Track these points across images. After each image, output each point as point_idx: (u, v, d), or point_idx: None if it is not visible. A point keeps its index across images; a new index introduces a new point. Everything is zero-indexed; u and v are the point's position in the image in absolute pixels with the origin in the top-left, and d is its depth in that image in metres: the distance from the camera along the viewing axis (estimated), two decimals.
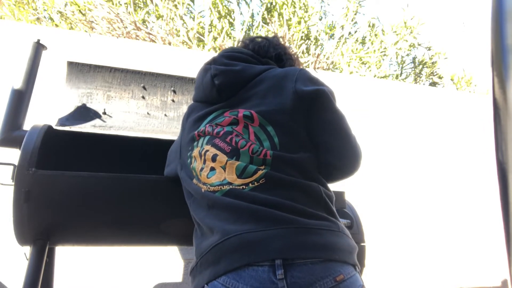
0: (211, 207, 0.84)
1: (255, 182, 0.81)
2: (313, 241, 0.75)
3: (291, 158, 0.86)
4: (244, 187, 0.81)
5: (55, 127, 1.29)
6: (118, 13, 3.74)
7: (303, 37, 4.70)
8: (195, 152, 0.94)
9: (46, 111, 1.94)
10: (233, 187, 0.82)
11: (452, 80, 5.67)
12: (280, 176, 0.82)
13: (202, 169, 0.89)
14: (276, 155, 0.85)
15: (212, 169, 0.87)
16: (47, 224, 1.08)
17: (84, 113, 1.46)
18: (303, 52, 4.55)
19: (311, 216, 0.79)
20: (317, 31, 4.96)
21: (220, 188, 0.84)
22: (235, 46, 1.20)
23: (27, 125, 1.25)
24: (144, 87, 1.57)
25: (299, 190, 0.82)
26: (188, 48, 3.96)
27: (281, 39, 1.22)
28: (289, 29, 4.45)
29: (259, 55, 1.09)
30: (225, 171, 0.85)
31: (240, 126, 0.91)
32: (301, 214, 0.78)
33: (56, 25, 3.90)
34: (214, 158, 0.87)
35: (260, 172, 0.82)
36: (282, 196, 0.79)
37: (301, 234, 0.75)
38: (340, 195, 1.35)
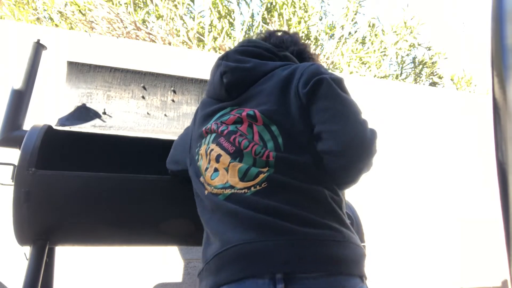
0: (214, 210, 0.84)
1: (257, 186, 0.79)
2: (315, 254, 0.72)
3: (295, 160, 0.82)
4: (246, 191, 0.79)
5: (55, 127, 1.29)
6: (118, 13, 3.74)
7: (303, 37, 4.70)
8: (202, 149, 0.93)
9: (46, 111, 1.94)
10: (235, 191, 0.80)
11: (452, 80, 5.67)
12: (283, 179, 0.79)
13: (206, 168, 0.89)
14: (279, 156, 0.82)
15: (216, 170, 0.86)
16: (47, 224, 1.08)
17: (84, 113, 1.46)
18: None
19: (313, 224, 0.75)
20: (317, 31, 4.97)
21: (223, 191, 0.82)
22: (255, 37, 1.13)
23: (27, 125, 1.24)
24: (144, 87, 1.57)
25: (302, 194, 0.79)
26: (188, 48, 3.96)
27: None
28: (289, 29, 4.45)
29: (278, 48, 1.03)
30: (227, 173, 0.83)
31: (244, 126, 0.88)
32: (303, 222, 0.75)
33: (56, 25, 3.90)
34: (217, 159, 0.86)
35: (261, 176, 0.79)
36: (284, 201, 0.77)
37: (302, 246, 0.73)
38: None
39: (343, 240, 0.76)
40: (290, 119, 0.85)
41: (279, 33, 1.10)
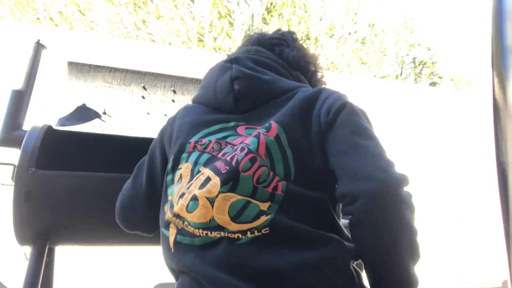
0: (184, 272, 0.64)
1: (255, 231, 0.59)
2: None
3: (310, 196, 0.64)
4: (239, 236, 0.59)
5: (55, 127, 1.29)
6: (118, 13, 3.75)
7: (303, 37, 4.70)
8: (185, 169, 0.70)
9: (46, 111, 1.94)
10: (226, 234, 0.60)
11: (452, 80, 5.68)
12: (291, 225, 0.60)
13: (182, 195, 0.66)
14: (290, 189, 0.62)
15: (195, 198, 0.63)
16: (47, 224, 1.08)
17: (84, 113, 1.46)
18: None
19: None
20: (317, 31, 4.97)
21: (206, 233, 0.61)
22: (246, 43, 0.94)
23: (27, 125, 1.25)
24: (144, 87, 1.57)
25: (312, 246, 0.59)
26: (188, 48, 3.96)
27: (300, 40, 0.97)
28: (289, 29, 4.46)
29: (289, 64, 0.87)
30: (212, 206, 0.61)
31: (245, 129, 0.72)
32: None
33: (56, 25, 3.90)
34: (204, 184, 0.64)
35: (263, 219, 0.59)
36: (286, 258, 0.58)
37: None
38: None
39: None
40: (309, 147, 0.68)
41: (275, 40, 0.90)
